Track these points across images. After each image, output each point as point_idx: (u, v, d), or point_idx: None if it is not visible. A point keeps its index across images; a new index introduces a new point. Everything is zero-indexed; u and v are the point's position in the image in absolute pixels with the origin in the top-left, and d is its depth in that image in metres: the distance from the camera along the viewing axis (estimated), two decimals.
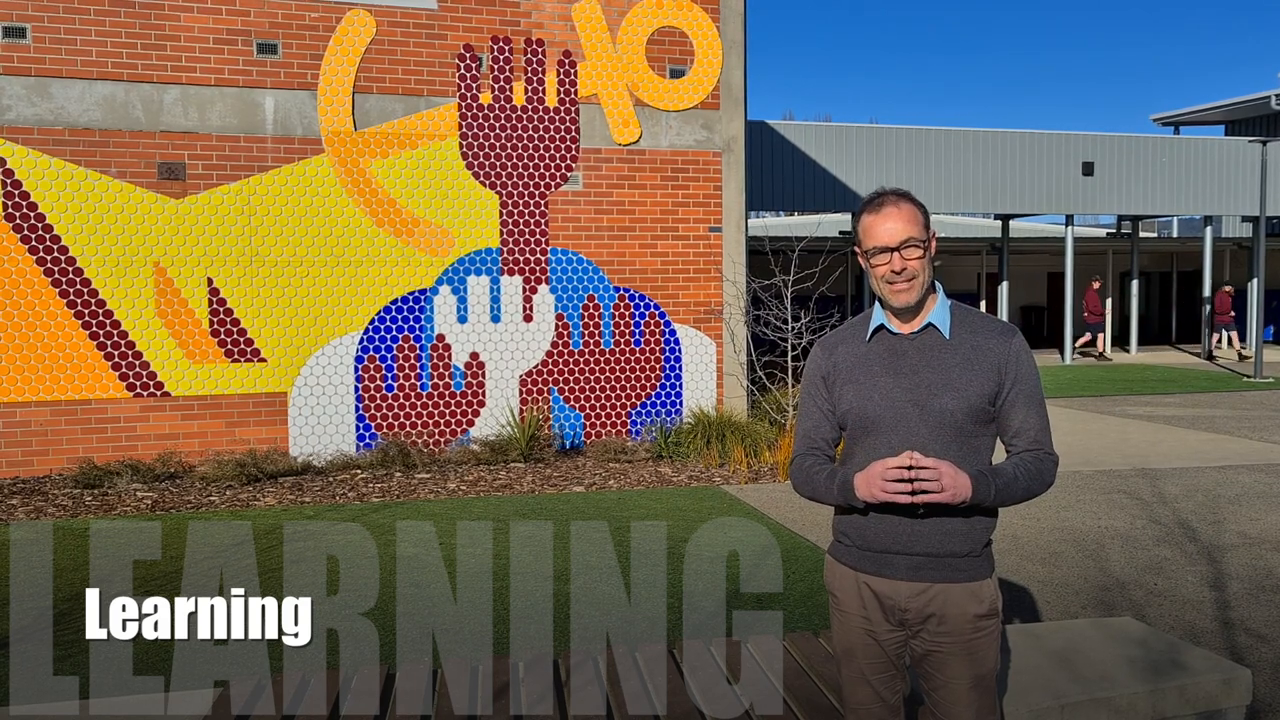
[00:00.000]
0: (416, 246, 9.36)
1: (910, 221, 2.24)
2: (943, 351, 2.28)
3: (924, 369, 2.27)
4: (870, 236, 2.27)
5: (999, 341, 2.29)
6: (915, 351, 2.29)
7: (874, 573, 2.29)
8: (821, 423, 2.39)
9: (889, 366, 2.30)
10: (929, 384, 2.25)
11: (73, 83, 8.51)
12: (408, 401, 9.41)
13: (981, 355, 2.27)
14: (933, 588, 2.25)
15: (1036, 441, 2.28)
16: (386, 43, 9.22)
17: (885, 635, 2.31)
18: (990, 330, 2.31)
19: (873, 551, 2.29)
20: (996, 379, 2.26)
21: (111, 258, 8.60)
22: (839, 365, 2.36)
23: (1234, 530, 6.68)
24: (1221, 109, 28.36)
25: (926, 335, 2.30)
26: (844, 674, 2.39)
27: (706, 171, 10.17)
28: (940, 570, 2.24)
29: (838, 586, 2.38)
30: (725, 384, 10.30)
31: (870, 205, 2.30)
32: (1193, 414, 13.02)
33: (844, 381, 2.34)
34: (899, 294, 2.26)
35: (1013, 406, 2.28)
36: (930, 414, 2.23)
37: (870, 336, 2.34)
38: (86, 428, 8.59)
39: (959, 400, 2.23)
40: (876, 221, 2.26)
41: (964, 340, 2.29)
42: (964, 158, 21.36)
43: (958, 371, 2.26)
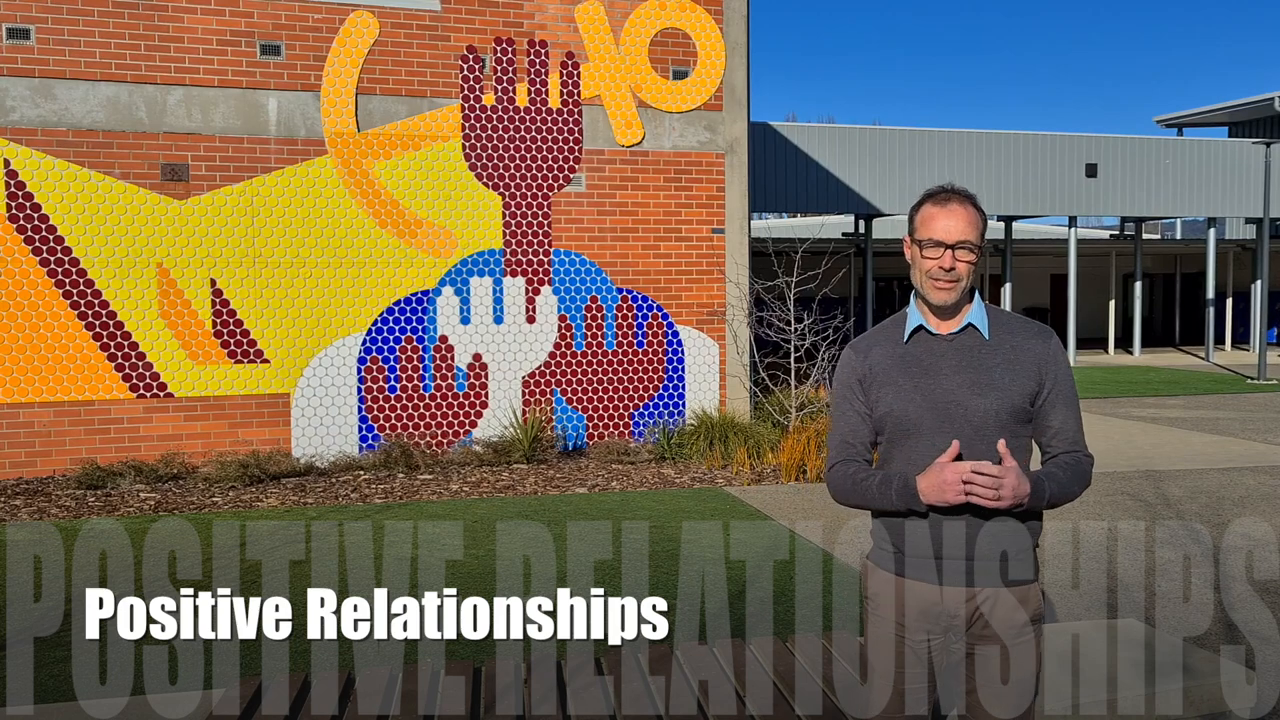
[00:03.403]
0: (419, 248, 9.36)
1: (970, 224, 2.23)
2: (983, 352, 2.27)
3: (966, 369, 2.26)
4: (927, 228, 2.25)
5: (1038, 343, 2.29)
6: (955, 352, 2.28)
7: (922, 578, 2.26)
8: (859, 426, 2.34)
9: (929, 367, 2.27)
10: (971, 384, 2.24)
11: (77, 84, 8.52)
12: (410, 402, 9.41)
13: (1022, 356, 2.27)
14: (982, 592, 2.23)
15: (1075, 442, 2.29)
16: (390, 44, 9.23)
17: (925, 642, 2.28)
18: (1028, 331, 2.31)
19: (921, 557, 2.25)
20: (1037, 380, 2.26)
21: (115, 259, 8.61)
22: (875, 368, 2.32)
23: (1238, 532, 6.67)
24: (1225, 111, 28.33)
25: (966, 336, 2.29)
26: (873, 681, 2.34)
27: (709, 173, 10.17)
28: (990, 575, 2.22)
29: (878, 593, 2.33)
30: (728, 385, 10.29)
31: (935, 197, 2.28)
32: (1196, 416, 13.00)
33: (882, 384, 2.30)
34: (940, 291, 2.24)
35: (1052, 407, 2.28)
36: (973, 414, 2.22)
37: (908, 337, 2.31)
38: (90, 429, 8.59)
39: (1002, 400, 2.23)
40: (938, 215, 2.24)
41: (1003, 341, 2.29)
42: (967, 159, 21.35)
43: (999, 372, 2.25)
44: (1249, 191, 22.78)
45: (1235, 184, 23.04)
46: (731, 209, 10.24)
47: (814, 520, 7.06)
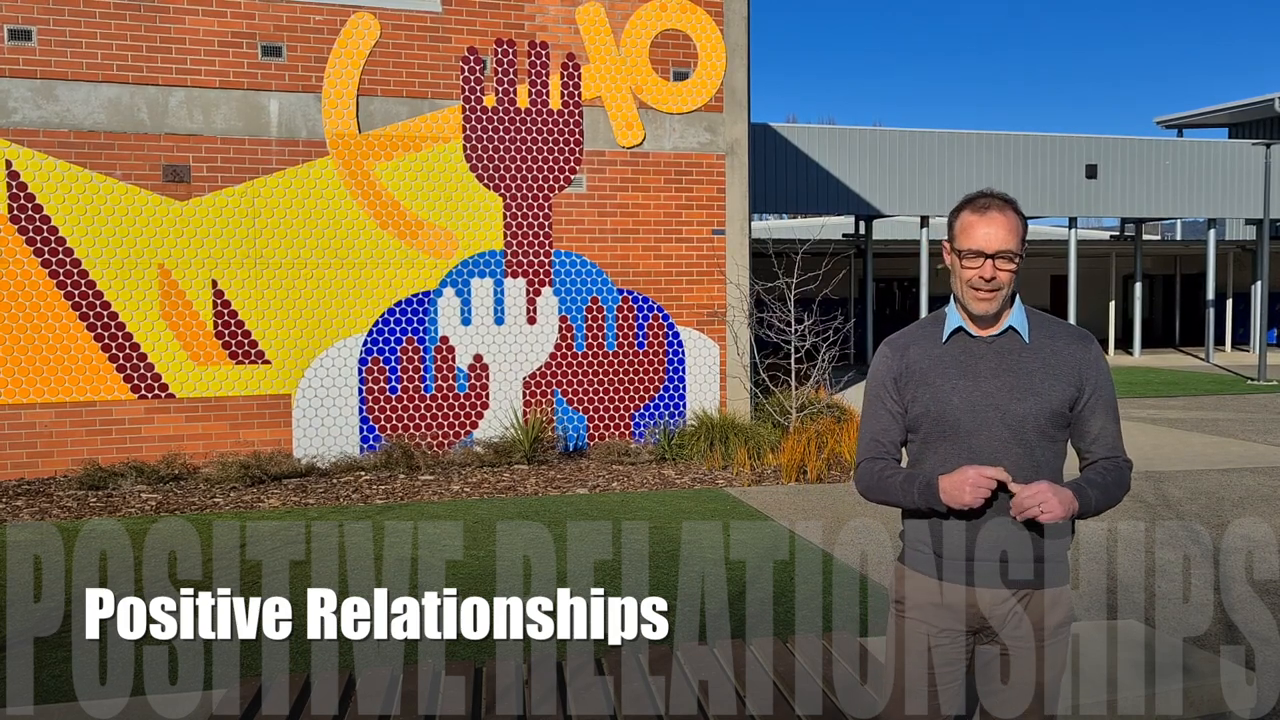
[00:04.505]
0: (420, 249, 9.37)
1: (1011, 232, 2.19)
2: (1023, 355, 2.25)
3: (1005, 373, 2.24)
4: (967, 237, 2.21)
5: (1079, 348, 2.27)
6: (994, 355, 2.25)
7: (958, 580, 2.24)
8: (891, 425, 2.33)
9: (967, 369, 2.25)
10: (1010, 388, 2.22)
11: (78, 85, 8.53)
12: (411, 403, 9.42)
13: (1062, 361, 2.25)
14: (1018, 593, 2.23)
15: (1114, 448, 2.28)
16: (391, 45, 9.24)
17: (956, 645, 2.27)
18: (1069, 336, 2.29)
19: (957, 559, 2.24)
20: (1077, 385, 2.25)
21: (116, 260, 8.62)
22: (912, 367, 2.30)
23: (1238, 533, 6.67)
24: (1225, 112, 28.33)
25: (1006, 339, 2.26)
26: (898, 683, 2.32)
27: (710, 174, 10.17)
28: (1026, 577, 2.22)
29: (910, 595, 2.31)
30: (728, 386, 10.30)
31: (974, 204, 2.23)
32: (1196, 417, 13.00)
33: (918, 384, 2.28)
34: (981, 302, 2.22)
35: (1092, 413, 2.27)
36: (1011, 418, 2.21)
37: (947, 338, 2.29)
38: (91, 429, 8.60)
39: (1040, 405, 2.21)
40: (978, 224, 2.20)
41: (1043, 345, 2.26)
42: (967, 160, 21.35)
43: (1039, 376, 2.23)
44: (1249, 192, 22.78)
45: (1235, 185, 23.05)
46: (732, 210, 10.25)
47: (814, 521, 7.06)
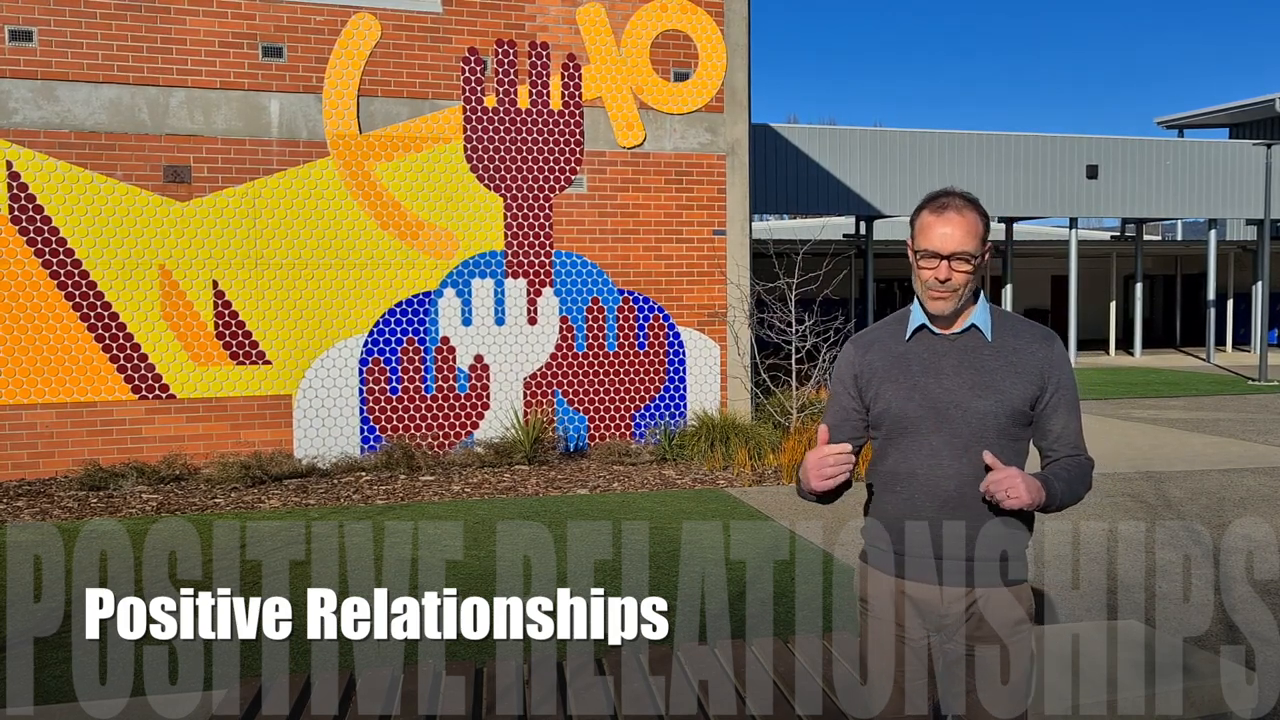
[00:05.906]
0: (421, 249, 9.37)
1: (968, 233, 2.18)
2: (984, 354, 2.26)
3: (965, 370, 2.25)
4: (924, 237, 2.21)
5: (1041, 346, 2.28)
6: (957, 353, 2.27)
7: (916, 578, 2.26)
8: (842, 422, 2.35)
9: (929, 367, 2.27)
10: (971, 385, 2.24)
11: (79, 86, 8.54)
12: (412, 404, 9.42)
13: (1024, 359, 2.26)
14: (975, 591, 2.23)
15: (1077, 446, 2.29)
16: (391, 46, 9.24)
17: (921, 642, 2.29)
18: (1032, 335, 2.30)
19: (914, 557, 2.26)
20: (1039, 384, 2.25)
21: (117, 260, 8.62)
22: (874, 364, 2.32)
23: (1239, 533, 6.67)
24: (1226, 112, 28.33)
25: (968, 337, 2.28)
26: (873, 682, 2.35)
27: (710, 175, 10.17)
28: (985, 574, 2.23)
29: (872, 594, 2.33)
30: (729, 386, 10.30)
31: (933, 204, 2.23)
32: (1197, 417, 12.99)
33: (880, 380, 2.30)
34: (936, 301, 2.23)
35: (1054, 411, 2.27)
36: (972, 416, 2.22)
37: (910, 336, 2.31)
38: (92, 430, 8.60)
39: (1001, 402, 2.22)
40: (935, 224, 2.20)
41: (1006, 343, 2.28)
42: (968, 160, 21.35)
43: (1001, 374, 2.24)
44: (1250, 193, 22.78)
45: (1236, 185, 23.04)
46: (732, 210, 10.25)
47: (814, 521, 7.06)
